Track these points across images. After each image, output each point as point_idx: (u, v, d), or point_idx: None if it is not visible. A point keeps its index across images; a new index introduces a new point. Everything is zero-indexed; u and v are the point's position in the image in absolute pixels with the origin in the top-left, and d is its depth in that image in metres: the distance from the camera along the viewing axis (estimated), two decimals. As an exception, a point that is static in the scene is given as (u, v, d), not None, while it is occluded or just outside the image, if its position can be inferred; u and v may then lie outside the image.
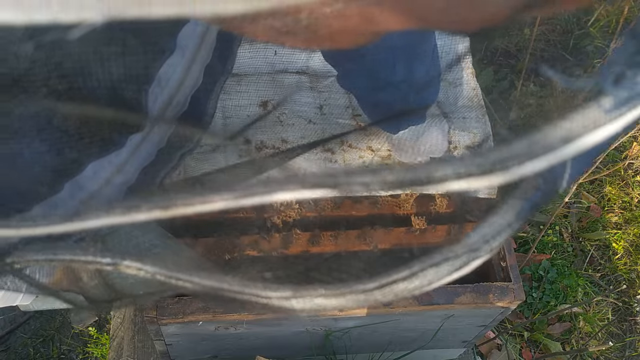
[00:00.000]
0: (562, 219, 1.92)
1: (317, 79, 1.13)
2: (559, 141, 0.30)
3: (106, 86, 0.51)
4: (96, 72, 0.49)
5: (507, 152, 0.30)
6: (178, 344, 1.07)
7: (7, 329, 1.60)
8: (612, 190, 1.98)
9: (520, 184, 0.38)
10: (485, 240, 0.37)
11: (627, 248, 1.91)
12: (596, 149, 0.37)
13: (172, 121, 0.67)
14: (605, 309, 1.80)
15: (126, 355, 1.31)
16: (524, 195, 0.38)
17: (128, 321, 1.34)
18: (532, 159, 0.30)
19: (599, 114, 0.30)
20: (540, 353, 1.70)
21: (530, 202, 0.38)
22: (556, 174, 0.37)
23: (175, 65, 0.61)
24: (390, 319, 1.04)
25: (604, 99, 0.31)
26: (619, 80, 0.31)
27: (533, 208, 0.38)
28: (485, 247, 0.37)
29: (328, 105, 1.11)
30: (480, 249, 0.37)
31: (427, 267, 0.37)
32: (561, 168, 0.37)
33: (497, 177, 0.30)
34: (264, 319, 0.98)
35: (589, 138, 0.30)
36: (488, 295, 1.01)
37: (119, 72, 0.51)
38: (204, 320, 0.96)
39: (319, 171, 0.31)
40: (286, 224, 1.00)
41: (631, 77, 0.31)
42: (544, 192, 0.38)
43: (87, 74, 0.49)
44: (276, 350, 1.15)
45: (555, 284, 1.76)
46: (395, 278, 0.37)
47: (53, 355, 1.59)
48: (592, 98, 0.31)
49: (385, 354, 1.26)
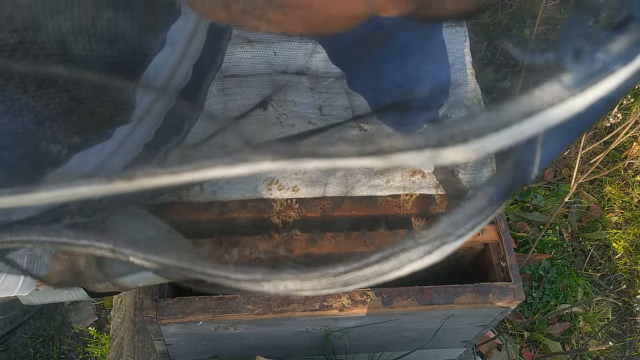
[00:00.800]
0: (562, 219, 1.92)
1: (316, 79, 1.13)
2: (518, 115, 0.30)
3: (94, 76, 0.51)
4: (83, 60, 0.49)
5: (467, 125, 0.30)
6: (178, 344, 1.07)
7: (7, 329, 1.60)
8: (612, 190, 1.98)
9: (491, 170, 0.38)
10: (457, 226, 0.37)
11: (627, 248, 1.91)
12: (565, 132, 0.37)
13: (161, 114, 0.67)
14: (605, 308, 1.80)
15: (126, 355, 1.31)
16: (495, 181, 0.38)
17: (128, 321, 1.34)
18: (491, 132, 0.30)
19: (558, 89, 0.30)
20: (540, 353, 1.70)
21: (501, 188, 0.38)
22: (526, 159, 0.38)
23: (165, 60, 0.62)
24: (390, 319, 1.04)
25: (565, 75, 0.30)
26: (579, 55, 0.31)
27: (504, 194, 0.38)
28: (456, 233, 0.37)
29: (328, 106, 1.11)
30: (451, 234, 0.37)
31: (398, 252, 0.37)
32: (531, 153, 0.37)
33: (458, 151, 0.30)
34: (264, 318, 0.98)
35: (550, 113, 0.30)
36: (488, 295, 1.01)
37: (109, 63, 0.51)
38: (204, 320, 0.96)
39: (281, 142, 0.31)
40: (286, 224, 1.01)
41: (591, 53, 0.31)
42: (514, 177, 0.39)
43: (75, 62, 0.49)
44: (276, 350, 1.15)
45: (555, 283, 1.77)
46: (366, 262, 0.37)
47: (53, 355, 1.59)
48: (553, 74, 0.31)
49: (385, 354, 1.26)
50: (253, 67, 1.11)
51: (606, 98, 0.31)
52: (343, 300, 0.98)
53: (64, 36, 0.45)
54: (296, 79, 1.12)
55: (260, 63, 1.11)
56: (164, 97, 0.65)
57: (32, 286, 0.70)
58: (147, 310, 0.95)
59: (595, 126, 2.00)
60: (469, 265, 1.17)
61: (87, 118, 0.54)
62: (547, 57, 0.32)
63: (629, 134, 1.67)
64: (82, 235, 0.41)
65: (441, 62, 0.94)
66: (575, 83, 0.30)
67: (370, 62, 0.91)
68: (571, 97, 0.30)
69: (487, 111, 0.30)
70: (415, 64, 0.90)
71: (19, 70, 0.45)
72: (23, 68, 0.45)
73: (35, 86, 0.47)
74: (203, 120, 0.78)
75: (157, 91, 0.64)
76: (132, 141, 0.65)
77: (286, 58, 1.12)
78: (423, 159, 0.30)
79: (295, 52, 1.12)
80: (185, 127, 0.74)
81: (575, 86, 0.30)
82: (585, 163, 1.91)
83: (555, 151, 0.39)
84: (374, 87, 0.96)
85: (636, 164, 2.00)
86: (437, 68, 0.94)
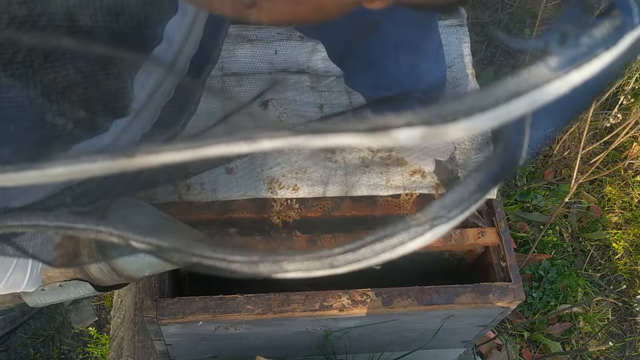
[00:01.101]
0: (562, 219, 1.92)
1: (317, 78, 1.13)
2: (506, 95, 0.31)
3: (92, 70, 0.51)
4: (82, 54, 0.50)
5: (456, 104, 0.31)
6: (178, 344, 1.07)
7: (7, 329, 1.60)
8: (612, 190, 1.98)
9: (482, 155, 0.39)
10: (447, 209, 0.38)
11: (627, 248, 1.91)
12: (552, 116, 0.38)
13: (158, 108, 0.67)
14: (605, 309, 1.80)
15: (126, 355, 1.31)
16: (484, 166, 0.39)
17: (128, 321, 1.34)
18: (480, 111, 0.31)
19: (544, 70, 0.32)
20: (540, 353, 1.70)
21: (490, 172, 0.39)
22: (514, 143, 0.39)
23: (162, 55, 0.62)
24: (390, 319, 1.04)
25: (550, 58, 0.32)
26: (564, 39, 0.32)
27: (494, 179, 0.39)
28: (447, 216, 0.38)
29: (328, 105, 1.11)
30: (442, 217, 0.38)
31: (390, 234, 0.38)
32: (519, 136, 0.38)
33: (446, 129, 0.31)
34: (264, 319, 0.98)
35: (536, 94, 0.31)
36: (488, 295, 1.01)
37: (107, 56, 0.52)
38: (204, 320, 0.96)
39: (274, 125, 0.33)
40: (286, 225, 1.00)
41: (576, 37, 0.32)
42: (503, 162, 0.40)
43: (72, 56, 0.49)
44: (276, 350, 1.15)
45: (555, 284, 1.76)
46: (360, 244, 0.38)
47: (53, 355, 1.59)
48: (539, 57, 0.32)
49: (385, 354, 1.26)
50: (253, 65, 1.11)
51: (591, 82, 0.33)
52: (343, 301, 0.98)
53: (71, 8, 0.46)
54: (297, 77, 1.12)
55: (261, 62, 1.11)
56: (162, 90, 0.66)
57: (39, 282, 0.70)
58: (147, 310, 0.95)
59: (595, 126, 2.00)
60: (469, 266, 1.17)
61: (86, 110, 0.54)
62: (535, 42, 0.34)
63: (629, 134, 1.67)
64: (80, 219, 0.42)
65: (437, 58, 0.94)
66: (560, 65, 0.32)
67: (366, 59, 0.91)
68: (556, 78, 0.32)
69: (476, 92, 0.31)
70: (412, 61, 0.90)
71: (26, 42, 0.45)
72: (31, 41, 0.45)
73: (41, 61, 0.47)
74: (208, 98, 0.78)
75: (156, 85, 0.64)
76: (128, 135, 0.65)
77: (287, 57, 1.12)
78: (415, 135, 0.31)
79: (296, 51, 1.12)
80: (182, 120, 0.74)
81: (560, 68, 0.32)
82: (585, 163, 1.91)
83: (543, 136, 0.40)
84: (370, 84, 0.96)
85: (636, 164, 2.00)
86: (434, 64, 0.94)
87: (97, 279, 0.74)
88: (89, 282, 0.75)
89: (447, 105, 0.31)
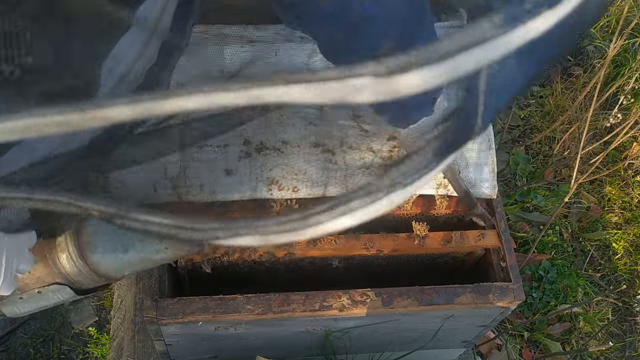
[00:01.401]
0: (562, 219, 1.92)
1: (317, 79, 1.13)
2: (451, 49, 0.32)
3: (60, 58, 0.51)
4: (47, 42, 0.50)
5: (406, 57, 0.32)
6: (178, 344, 1.07)
7: (7, 329, 1.60)
8: (612, 190, 1.98)
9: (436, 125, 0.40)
10: (405, 176, 0.39)
11: (627, 248, 1.91)
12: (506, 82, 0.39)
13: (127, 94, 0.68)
14: (605, 309, 1.80)
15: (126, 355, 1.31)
16: (440, 134, 0.40)
17: (128, 321, 1.34)
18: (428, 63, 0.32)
19: (488, 27, 0.32)
20: (540, 353, 1.70)
21: (446, 140, 0.40)
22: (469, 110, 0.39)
23: (133, 40, 0.62)
24: (391, 319, 1.04)
25: (495, 15, 0.32)
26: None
27: (450, 146, 0.40)
28: (404, 182, 0.39)
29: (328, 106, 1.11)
30: (399, 183, 0.39)
31: (349, 199, 0.39)
32: (473, 102, 0.39)
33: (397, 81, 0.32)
34: (264, 319, 0.98)
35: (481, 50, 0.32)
36: (488, 295, 1.01)
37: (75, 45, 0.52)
38: (204, 320, 0.96)
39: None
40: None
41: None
42: (458, 129, 0.41)
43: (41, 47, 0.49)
44: (276, 350, 1.15)
45: (555, 284, 1.77)
46: (319, 209, 0.39)
47: (53, 355, 1.59)
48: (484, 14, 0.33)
49: (385, 354, 1.26)
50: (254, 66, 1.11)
51: (538, 44, 0.33)
52: (343, 301, 0.98)
53: None
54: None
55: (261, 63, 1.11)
56: (132, 76, 0.66)
57: (13, 285, 0.67)
58: (147, 311, 0.95)
59: (595, 126, 2.00)
60: (470, 267, 1.17)
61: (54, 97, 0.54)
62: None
63: (629, 134, 1.67)
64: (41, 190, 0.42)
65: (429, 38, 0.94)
66: (504, 22, 0.32)
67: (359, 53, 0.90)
68: (500, 35, 0.32)
69: (425, 46, 0.32)
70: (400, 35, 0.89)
71: None
72: None
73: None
74: None
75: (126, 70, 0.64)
76: None
77: (287, 58, 1.12)
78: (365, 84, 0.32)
79: (295, 52, 1.12)
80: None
81: (505, 25, 0.32)
82: (585, 163, 1.91)
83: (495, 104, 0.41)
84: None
85: (636, 164, 2.00)
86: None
87: (77, 282, 0.72)
88: (68, 286, 0.73)
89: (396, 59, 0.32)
